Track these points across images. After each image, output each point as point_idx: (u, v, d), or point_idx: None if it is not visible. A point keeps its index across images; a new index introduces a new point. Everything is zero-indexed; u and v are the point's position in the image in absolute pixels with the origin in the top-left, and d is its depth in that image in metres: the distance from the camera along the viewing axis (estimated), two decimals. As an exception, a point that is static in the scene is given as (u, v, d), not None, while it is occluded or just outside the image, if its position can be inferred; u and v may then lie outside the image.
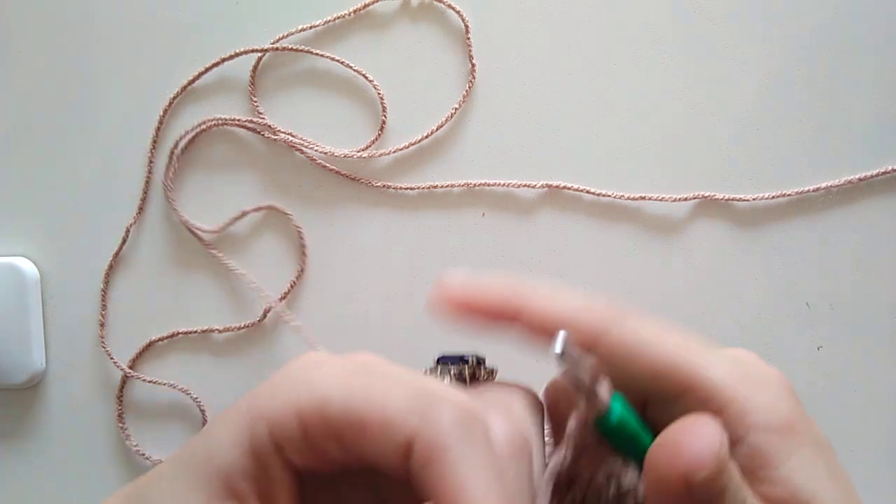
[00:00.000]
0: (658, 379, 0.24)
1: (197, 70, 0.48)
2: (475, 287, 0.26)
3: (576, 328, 0.24)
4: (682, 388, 0.24)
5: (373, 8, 0.48)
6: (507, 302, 0.26)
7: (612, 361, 0.25)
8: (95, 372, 0.49)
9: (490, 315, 0.26)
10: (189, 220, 0.48)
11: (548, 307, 0.25)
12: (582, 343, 0.25)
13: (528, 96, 0.48)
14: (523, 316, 0.26)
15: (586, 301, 0.26)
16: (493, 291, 0.26)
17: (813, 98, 0.47)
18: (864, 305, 0.47)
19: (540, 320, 0.25)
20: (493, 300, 0.26)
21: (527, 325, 0.26)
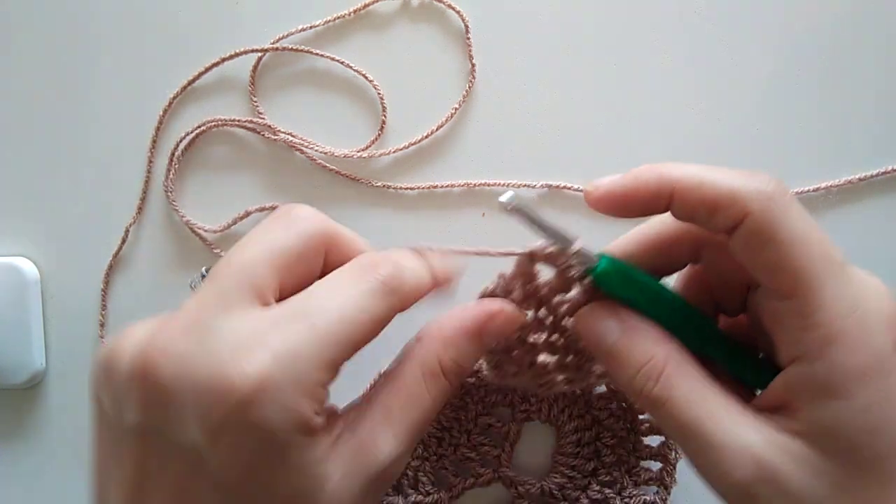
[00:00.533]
0: (778, 273, 0.26)
1: (197, 70, 0.48)
2: (628, 182, 0.29)
3: (727, 203, 0.27)
4: (792, 290, 0.26)
5: (373, 8, 0.48)
6: (659, 190, 0.28)
7: (748, 241, 0.27)
8: (95, 372, 0.49)
9: (647, 206, 0.29)
10: (190, 220, 0.48)
11: (701, 185, 0.27)
12: (730, 218, 0.27)
13: (528, 96, 0.48)
14: (677, 199, 0.28)
15: (744, 175, 0.27)
16: (644, 181, 0.28)
17: (813, 98, 0.47)
18: (864, 305, 0.47)
19: (694, 200, 0.27)
20: (648, 189, 0.28)
21: (681, 207, 0.28)
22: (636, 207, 0.29)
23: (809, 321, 0.26)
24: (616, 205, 0.30)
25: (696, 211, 0.28)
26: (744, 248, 0.27)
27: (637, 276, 0.30)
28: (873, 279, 0.28)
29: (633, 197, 0.29)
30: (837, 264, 0.27)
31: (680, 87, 0.47)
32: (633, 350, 0.29)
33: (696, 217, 0.28)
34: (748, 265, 0.28)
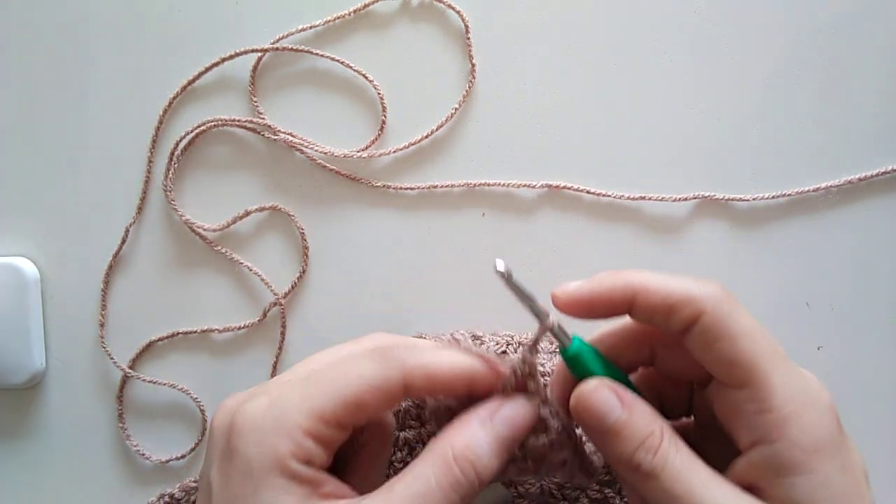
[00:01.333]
0: (733, 366, 0.29)
1: (197, 70, 0.48)
2: (593, 288, 0.31)
3: (684, 304, 0.30)
4: (746, 381, 0.29)
5: (373, 8, 0.48)
6: (623, 294, 0.31)
7: (703, 337, 0.30)
8: (95, 372, 0.49)
9: (611, 308, 0.31)
10: (190, 219, 0.48)
11: (661, 289, 0.30)
12: (687, 317, 0.30)
13: (528, 96, 0.48)
14: (639, 301, 0.31)
15: (696, 280, 0.31)
16: (608, 287, 0.31)
17: (813, 98, 0.47)
18: (864, 305, 0.47)
19: (654, 302, 0.30)
20: (611, 295, 0.31)
21: (643, 308, 0.31)
22: (601, 311, 0.32)
23: (764, 406, 0.29)
24: (582, 309, 0.32)
25: (656, 313, 0.31)
26: (700, 344, 0.30)
27: (603, 363, 0.33)
28: (810, 374, 0.31)
29: (598, 302, 0.31)
30: (782, 357, 0.30)
31: (680, 87, 0.47)
32: (635, 425, 0.31)
33: (655, 318, 0.31)
34: (703, 360, 0.31)
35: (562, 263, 0.48)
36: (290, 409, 0.29)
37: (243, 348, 0.49)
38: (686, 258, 0.47)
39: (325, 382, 0.30)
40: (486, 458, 0.30)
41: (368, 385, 0.30)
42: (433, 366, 0.31)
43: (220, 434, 0.31)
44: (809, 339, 0.47)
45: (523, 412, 0.32)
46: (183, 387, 0.48)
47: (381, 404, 0.30)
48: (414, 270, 0.48)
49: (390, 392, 0.30)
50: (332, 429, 0.29)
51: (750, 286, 0.47)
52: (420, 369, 0.30)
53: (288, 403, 0.29)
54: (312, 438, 0.29)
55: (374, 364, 0.30)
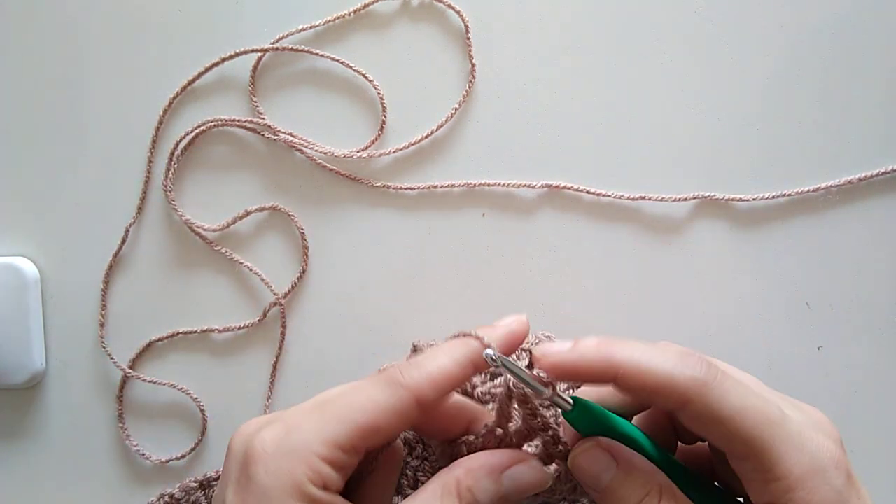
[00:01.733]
0: (731, 444, 0.30)
1: (197, 70, 0.48)
2: (574, 358, 0.31)
3: (668, 391, 0.30)
4: (747, 455, 0.30)
5: (373, 8, 0.48)
6: (604, 371, 0.31)
7: (695, 421, 0.30)
8: (95, 372, 0.49)
9: (592, 379, 0.31)
10: (190, 219, 0.48)
11: (642, 373, 0.30)
12: (673, 403, 0.30)
13: (528, 96, 0.48)
14: (620, 381, 0.30)
15: (678, 363, 0.30)
16: (589, 361, 0.31)
17: (813, 98, 0.47)
18: (864, 305, 0.47)
19: (636, 386, 0.30)
20: (591, 368, 0.31)
21: (625, 388, 0.31)
22: (583, 380, 0.32)
23: (770, 475, 0.29)
24: (562, 375, 0.32)
25: (638, 394, 0.31)
26: (693, 426, 0.30)
27: (606, 418, 0.33)
28: (815, 412, 0.32)
29: (579, 373, 0.31)
30: (778, 421, 0.30)
31: (680, 87, 0.47)
32: (630, 486, 0.31)
33: (639, 399, 0.32)
34: (700, 435, 0.31)
35: (562, 263, 0.48)
36: (307, 436, 0.30)
37: (243, 348, 0.49)
38: (686, 258, 0.47)
39: (340, 409, 0.31)
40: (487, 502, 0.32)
41: (381, 408, 0.31)
42: (436, 371, 0.32)
43: (236, 460, 0.32)
44: (809, 339, 0.47)
45: (536, 478, 0.33)
46: (183, 387, 0.48)
47: (395, 425, 0.31)
48: (414, 270, 0.48)
49: (403, 411, 0.31)
50: (347, 454, 0.31)
51: (750, 286, 0.47)
52: (425, 379, 0.32)
53: (304, 431, 0.30)
54: (329, 464, 0.30)
55: (383, 387, 0.31)
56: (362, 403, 0.31)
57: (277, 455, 0.30)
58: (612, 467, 0.32)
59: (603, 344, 0.31)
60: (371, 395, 0.31)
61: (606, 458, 0.32)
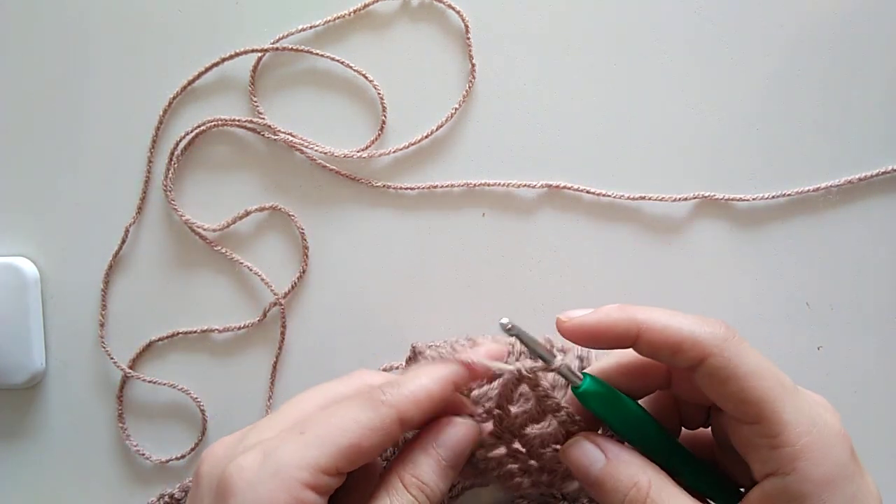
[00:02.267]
0: (743, 404, 0.30)
1: (197, 70, 0.48)
2: (598, 319, 0.32)
3: (689, 345, 0.30)
4: (758, 417, 0.30)
5: (373, 8, 0.48)
6: (627, 329, 0.31)
7: (711, 378, 0.30)
8: (95, 372, 0.49)
9: (614, 341, 0.32)
10: (190, 219, 0.48)
11: (665, 328, 0.31)
12: (692, 358, 0.30)
13: (528, 96, 0.48)
14: (643, 338, 0.31)
15: (699, 321, 0.31)
16: (613, 321, 0.32)
17: (813, 98, 0.47)
18: (864, 305, 0.47)
19: (658, 341, 0.31)
20: (616, 329, 0.32)
21: (646, 345, 0.31)
22: (604, 343, 0.33)
23: (776, 441, 0.30)
24: (585, 338, 0.33)
25: (661, 351, 0.31)
26: (708, 383, 0.31)
27: (615, 396, 0.33)
28: (819, 397, 0.33)
29: (601, 334, 0.32)
30: (790, 389, 0.31)
31: (680, 87, 0.47)
32: (618, 477, 0.32)
33: (660, 356, 0.32)
34: (713, 397, 0.31)
35: (562, 263, 0.48)
36: (288, 462, 0.30)
37: (243, 348, 0.49)
38: (686, 258, 0.47)
39: (322, 432, 0.31)
40: (433, 483, 0.33)
41: (364, 428, 0.31)
42: (419, 390, 0.32)
43: (209, 488, 0.31)
44: (809, 339, 0.47)
45: (463, 433, 0.34)
46: (183, 387, 0.48)
47: (378, 445, 0.31)
48: (414, 270, 0.48)
49: (386, 431, 0.31)
50: (330, 476, 0.30)
51: (750, 286, 0.47)
52: (408, 399, 0.32)
53: (284, 457, 0.30)
54: (312, 489, 0.30)
55: (366, 407, 0.31)
56: (345, 424, 0.31)
57: (258, 485, 0.29)
58: (599, 459, 0.32)
59: (625, 306, 0.32)
60: (354, 415, 0.31)
61: (594, 451, 0.33)
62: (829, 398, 0.47)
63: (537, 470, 0.36)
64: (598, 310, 0.32)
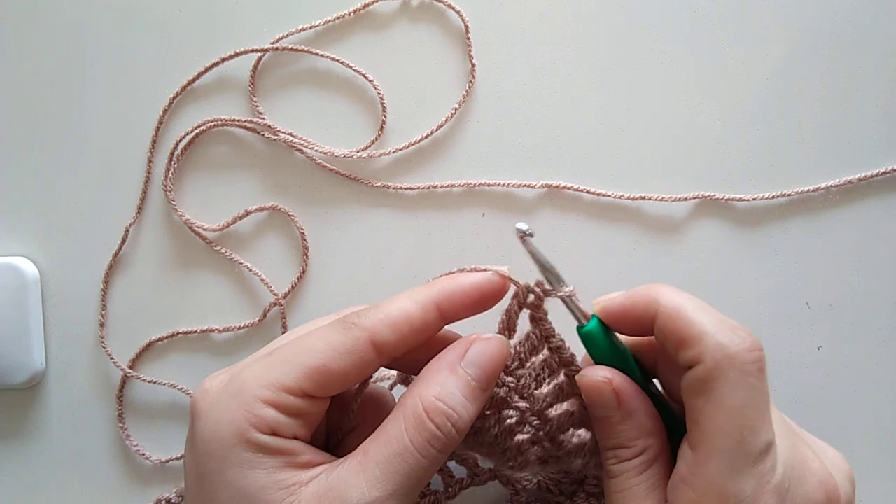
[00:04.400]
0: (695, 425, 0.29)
1: (197, 70, 0.48)
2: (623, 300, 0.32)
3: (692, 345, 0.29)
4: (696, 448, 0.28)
5: (373, 8, 0.48)
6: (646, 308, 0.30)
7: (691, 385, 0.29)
8: (95, 372, 0.49)
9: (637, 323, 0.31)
10: (190, 219, 0.48)
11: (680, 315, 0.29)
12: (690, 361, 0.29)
13: (528, 96, 0.48)
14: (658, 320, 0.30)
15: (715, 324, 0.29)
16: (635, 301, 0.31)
17: (813, 98, 0.47)
18: (864, 305, 0.47)
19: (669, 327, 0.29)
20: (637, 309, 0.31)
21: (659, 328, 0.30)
22: (630, 327, 0.32)
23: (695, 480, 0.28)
24: (612, 321, 0.32)
25: (668, 340, 0.30)
26: (686, 388, 0.29)
27: (614, 341, 0.33)
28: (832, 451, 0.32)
29: (626, 315, 0.31)
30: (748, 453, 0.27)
31: (680, 86, 0.47)
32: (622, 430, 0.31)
33: (668, 346, 0.30)
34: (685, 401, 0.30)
35: (562, 263, 0.47)
36: (249, 382, 0.29)
37: (243, 348, 0.49)
38: (686, 258, 0.47)
39: (288, 353, 0.29)
40: (461, 407, 0.29)
41: (334, 350, 0.29)
42: (396, 312, 0.30)
43: (190, 417, 0.31)
44: (809, 339, 0.47)
45: (495, 348, 0.31)
46: (183, 387, 0.48)
47: (351, 369, 0.29)
48: (414, 270, 0.48)
49: (358, 355, 0.29)
50: (299, 399, 0.29)
51: (750, 286, 0.47)
52: (382, 321, 0.29)
53: (247, 377, 0.29)
54: (275, 408, 0.28)
55: (338, 329, 0.30)
56: (313, 345, 0.29)
57: (218, 405, 0.29)
58: (612, 408, 0.31)
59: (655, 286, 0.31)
60: (324, 336, 0.29)
61: (612, 398, 0.31)
62: (829, 398, 0.47)
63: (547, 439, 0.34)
64: (626, 292, 0.31)
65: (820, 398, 0.47)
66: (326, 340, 0.29)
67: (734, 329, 0.29)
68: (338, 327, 0.30)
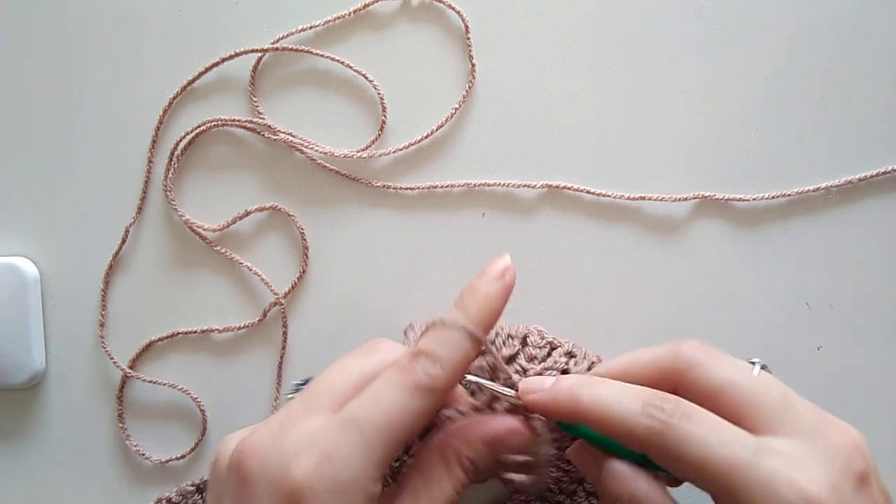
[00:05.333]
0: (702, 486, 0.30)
1: (197, 70, 0.48)
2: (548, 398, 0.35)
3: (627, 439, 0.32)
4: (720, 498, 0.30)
5: (373, 8, 0.48)
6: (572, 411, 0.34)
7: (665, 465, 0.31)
8: (95, 372, 0.49)
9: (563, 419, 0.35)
10: (190, 219, 0.48)
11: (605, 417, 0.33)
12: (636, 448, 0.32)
13: (528, 96, 0.48)
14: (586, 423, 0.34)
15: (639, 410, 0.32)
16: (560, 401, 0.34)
17: (813, 98, 0.47)
18: (864, 305, 0.47)
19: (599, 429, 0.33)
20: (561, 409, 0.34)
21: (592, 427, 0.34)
22: (557, 419, 0.35)
23: None
24: (541, 413, 0.35)
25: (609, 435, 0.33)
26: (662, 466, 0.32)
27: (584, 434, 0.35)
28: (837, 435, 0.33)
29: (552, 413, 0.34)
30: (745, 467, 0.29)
31: (680, 86, 0.47)
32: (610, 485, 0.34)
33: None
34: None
35: (562, 263, 0.48)
36: (357, 465, 0.30)
37: (243, 348, 0.49)
38: (686, 258, 0.47)
39: (380, 430, 0.30)
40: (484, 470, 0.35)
41: (418, 419, 0.31)
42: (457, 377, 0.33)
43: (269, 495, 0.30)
44: (809, 339, 0.47)
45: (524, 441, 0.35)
46: (183, 387, 0.48)
47: (421, 429, 0.33)
48: (414, 270, 0.48)
49: (430, 418, 0.33)
50: (389, 466, 0.33)
51: (750, 286, 0.47)
52: (449, 385, 0.32)
53: (352, 461, 0.30)
54: (378, 481, 0.31)
55: (416, 395, 0.31)
56: (401, 420, 0.31)
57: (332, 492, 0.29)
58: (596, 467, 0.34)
59: (574, 386, 0.33)
60: (405, 405, 0.31)
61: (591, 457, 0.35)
62: (830, 398, 0.47)
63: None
64: (551, 389, 0.34)
65: (820, 398, 0.47)
66: (412, 412, 0.31)
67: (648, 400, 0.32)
68: (417, 393, 0.31)
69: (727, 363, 0.33)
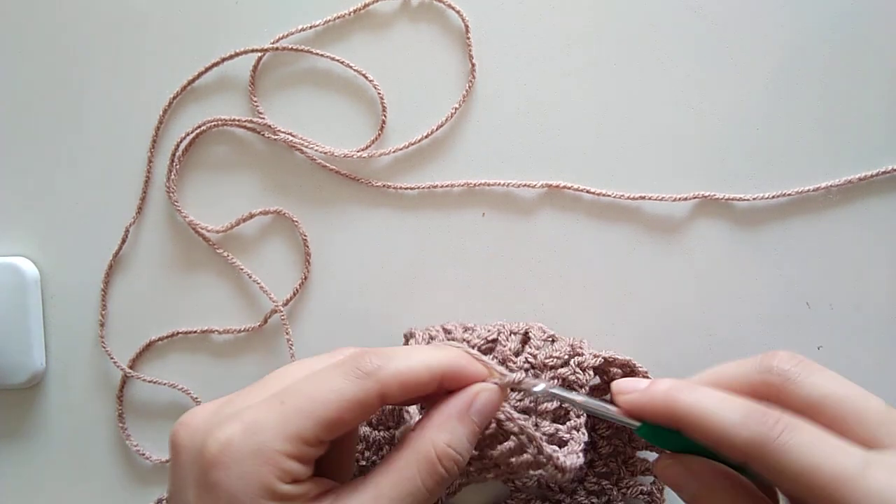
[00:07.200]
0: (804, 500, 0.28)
1: (197, 70, 0.48)
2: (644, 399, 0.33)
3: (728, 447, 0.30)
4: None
5: (373, 8, 0.48)
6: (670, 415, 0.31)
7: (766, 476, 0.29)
8: (95, 372, 0.49)
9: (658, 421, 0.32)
10: (193, 220, 0.48)
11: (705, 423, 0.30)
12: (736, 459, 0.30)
13: (528, 96, 0.48)
14: (683, 428, 0.31)
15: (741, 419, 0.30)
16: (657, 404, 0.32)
17: (813, 98, 0.47)
18: (864, 305, 0.47)
19: (698, 435, 0.31)
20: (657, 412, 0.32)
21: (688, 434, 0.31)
22: (653, 421, 0.33)
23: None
24: (636, 415, 0.33)
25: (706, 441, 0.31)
26: (763, 476, 0.30)
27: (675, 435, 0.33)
28: None
29: (647, 415, 0.33)
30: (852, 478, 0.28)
31: (680, 86, 0.47)
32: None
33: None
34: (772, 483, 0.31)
35: (562, 263, 0.48)
36: (269, 435, 0.29)
37: (243, 351, 0.49)
38: (686, 258, 0.47)
39: (302, 403, 0.30)
40: (466, 452, 0.32)
41: (346, 401, 0.30)
42: (408, 372, 0.31)
43: (191, 460, 0.31)
44: (809, 339, 0.47)
45: (495, 399, 0.33)
46: (183, 387, 0.48)
47: (359, 417, 0.31)
48: (414, 270, 0.48)
49: (368, 405, 0.31)
50: (313, 447, 0.30)
51: (750, 286, 0.47)
52: (394, 378, 0.31)
53: (266, 430, 0.29)
54: (295, 459, 0.30)
55: (349, 378, 0.31)
56: (326, 396, 0.30)
57: (242, 458, 0.29)
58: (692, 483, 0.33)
59: (672, 389, 0.32)
60: (336, 386, 0.30)
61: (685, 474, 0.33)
62: (829, 398, 0.47)
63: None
64: (647, 390, 0.33)
65: (820, 398, 0.47)
66: (341, 392, 0.30)
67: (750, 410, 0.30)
68: (350, 376, 0.31)
69: (825, 375, 0.32)
